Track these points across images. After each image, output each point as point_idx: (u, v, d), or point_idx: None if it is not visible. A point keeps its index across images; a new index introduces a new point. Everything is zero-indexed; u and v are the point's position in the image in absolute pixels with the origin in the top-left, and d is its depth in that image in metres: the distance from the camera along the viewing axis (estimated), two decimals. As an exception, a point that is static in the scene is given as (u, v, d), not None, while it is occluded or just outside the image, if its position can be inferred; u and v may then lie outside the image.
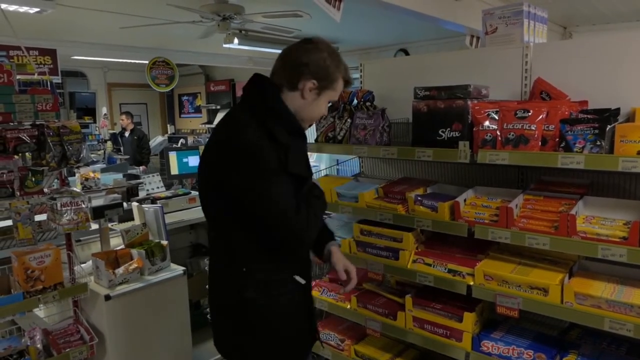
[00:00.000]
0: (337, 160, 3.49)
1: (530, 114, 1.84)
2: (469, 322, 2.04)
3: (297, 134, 1.58)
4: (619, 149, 1.65)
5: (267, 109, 1.54)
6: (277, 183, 1.49)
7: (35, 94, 2.19)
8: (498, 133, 1.90)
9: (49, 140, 2.19)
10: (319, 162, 5.42)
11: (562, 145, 1.75)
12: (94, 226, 2.65)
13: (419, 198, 2.14)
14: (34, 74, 2.40)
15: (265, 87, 1.60)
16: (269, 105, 1.55)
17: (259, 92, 1.59)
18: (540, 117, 1.82)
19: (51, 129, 2.22)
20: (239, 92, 9.19)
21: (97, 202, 2.81)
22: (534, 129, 1.82)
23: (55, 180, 2.45)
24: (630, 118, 1.90)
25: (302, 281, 1.66)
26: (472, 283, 1.98)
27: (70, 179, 3.08)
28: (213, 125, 9.38)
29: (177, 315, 2.72)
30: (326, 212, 2.77)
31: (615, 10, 5.03)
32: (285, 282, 1.62)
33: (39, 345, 2.22)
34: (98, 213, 2.54)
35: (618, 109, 1.85)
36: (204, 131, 9.89)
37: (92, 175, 3.65)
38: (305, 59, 1.54)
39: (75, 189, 2.47)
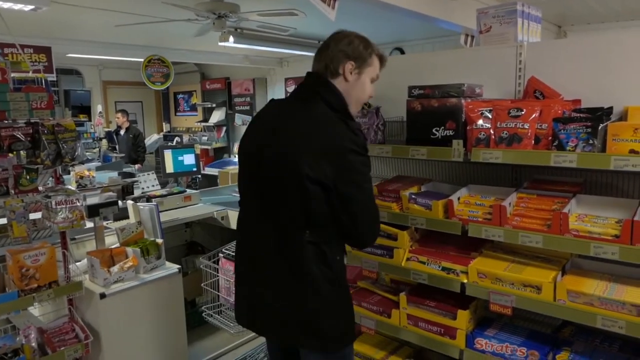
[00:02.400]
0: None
1: (523, 112, 1.85)
2: (462, 319, 2.06)
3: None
4: (611, 147, 1.66)
5: (340, 103, 1.70)
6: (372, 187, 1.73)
7: (30, 92, 2.19)
8: (492, 132, 1.91)
9: (43, 139, 2.19)
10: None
11: (555, 144, 1.77)
12: (89, 224, 2.64)
13: (413, 196, 2.15)
14: (28, 72, 2.39)
15: (320, 79, 1.73)
16: (339, 98, 1.70)
17: (334, 93, 1.71)
18: (534, 115, 1.84)
19: (46, 127, 2.21)
20: (235, 90, 9.22)
21: (92, 200, 2.80)
22: (527, 127, 1.83)
23: (50, 179, 2.44)
24: (622, 117, 1.91)
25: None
26: (465, 281, 2.00)
27: (65, 177, 3.08)
28: (209, 124, 9.38)
29: (172, 313, 2.72)
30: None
31: (610, 9, 5.06)
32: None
33: (33, 344, 2.22)
34: (93, 211, 2.54)
35: (611, 108, 1.87)
36: (200, 129, 9.87)
37: (87, 173, 3.65)
38: (338, 47, 1.72)
39: (70, 187, 2.46)
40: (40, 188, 2.27)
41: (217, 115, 9.53)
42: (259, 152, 1.72)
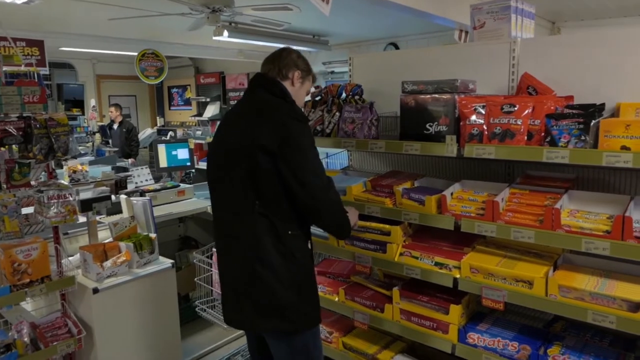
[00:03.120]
0: (327, 153, 3.49)
1: (516, 108, 1.86)
2: (455, 314, 2.07)
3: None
4: (603, 143, 1.67)
5: (281, 89, 1.92)
6: (317, 152, 1.84)
7: (22, 86, 2.17)
8: (485, 127, 1.91)
9: (35, 133, 2.17)
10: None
11: (547, 139, 1.78)
12: (82, 219, 2.63)
13: (406, 191, 2.16)
14: (21, 66, 2.37)
15: (275, 79, 1.95)
16: (284, 92, 1.92)
17: (271, 81, 1.94)
18: (526, 111, 1.84)
19: (38, 121, 2.20)
20: (229, 85, 9.18)
21: (85, 194, 2.79)
22: (520, 123, 1.83)
23: (43, 173, 2.43)
24: (615, 113, 1.92)
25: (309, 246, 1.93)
26: (458, 276, 2.01)
27: (58, 171, 3.06)
28: (203, 118, 9.35)
29: (166, 308, 2.72)
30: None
31: (603, 5, 5.07)
32: (309, 245, 1.92)
33: (26, 339, 2.21)
34: (86, 206, 2.53)
35: (603, 104, 1.88)
36: (194, 124, 9.84)
37: (80, 167, 3.64)
38: (289, 57, 1.98)
39: (62, 181, 2.45)
40: (32, 182, 2.26)
41: (212, 110, 9.50)
42: (219, 141, 1.96)
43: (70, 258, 2.51)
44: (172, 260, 2.74)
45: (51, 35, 5.89)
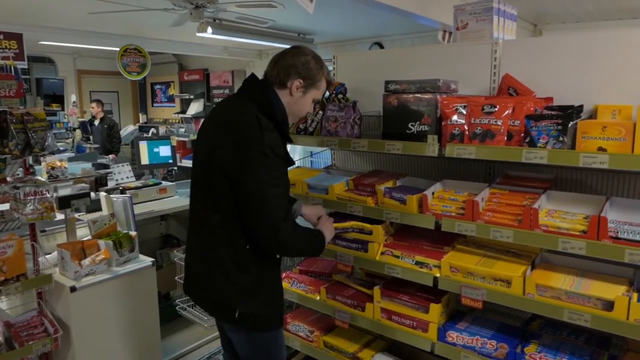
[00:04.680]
0: (312, 152, 3.49)
1: (497, 109, 1.87)
2: (434, 313, 2.09)
3: (285, 125, 1.82)
4: (580, 145, 1.69)
5: (266, 100, 1.77)
6: (280, 192, 1.71)
7: (-2, 80, 2.13)
8: (466, 127, 1.93)
9: (12, 128, 2.13)
10: (293, 154, 5.40)
11: (526, 140, 1.79)
12: (60, 216, 2.59)
13: (388, 190, 2.16)
14: (-3, 59, 2.32)
15: (262, 83, 1.84)
16: (265, 97, 1.78)
17: (258, 86, 1.83)
18: (507, 112, 1.86)
19: (15, 116, 2.15)
20: (214, 82, 9.11)
21: (65, 191, 2.74)
22: (500, 124, 1.85)
23: (20, 169, 2.38)
24: (592, 115, 1.95)
25: (278, 255, 1.88)
26: (438, 275, 2.02)
27: (36, 167, 3.00)
28: (187, 115, 9.26)
29: (146, 307, 2.69)
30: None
31: (584, 9, 5.15)
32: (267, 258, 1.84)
33: (0, 338, 2.16)
34: (64, 203, 2.49)
35: (581, 106, 1.91)
36: (177, 121, 9.74)
37: (58, 164, 3.57)
38: (293, 62, 1.80)
39: (40, 178, 2.40)
40: (8, 179, 2.21)
41: (195, 107, 9.41)
42: (197, 144, 1.90)
43: (47, 256, 2.46)
44: (152, 259, 2.71)
45: (30, 29, 5.75)
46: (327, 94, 2.52)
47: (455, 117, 1.96)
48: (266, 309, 1.84)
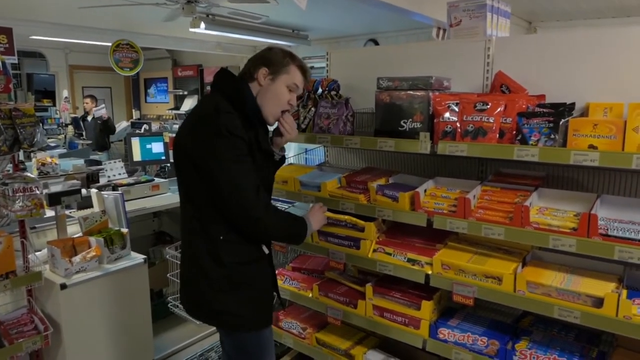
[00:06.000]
0: (306, 149, 3.48)
1: (489, 106, 1.87)
2: (426, 310, 2.09)
3: (256, 112, 1.82)
4: (571, 142, 1.70)
5: (233, 90, 1.79)
6: (245, 168, 1.70)
7: (-14, 75, 2.10)
8: (458, 125, 1.92)
9: (0, 123, 2.10)
10: (287, 150, 5.37)
11: (518, 138, 1.79)
12: (50, 213, 2.57)
13: (380, 188, 2.16)
14: (-15, 54, 2.29)
15: (230, 75, 1.86)
16: (233, 87, 1.81)
17: (226, 78, 1.85)
18: (499, 110, 1.86)
19: (3, 112, 2.13)
20: (207, 78, 9.06)
21: (55, 188, 2.72)
22: (492, 121, 1.85)
23: (10, 165, 2.36)
24: (584, 113, 1.95)
25: (266, 251, 1.87)
26: (430, 272, 2.02)
27: (27, 164, 2.97)
28: (180, 112, 9.23)
29: (138, 304, 2.68)
30: (289, 200, 2.78)
31: (577, 7, 5.15)
32: (253, 250, 1.83)
33: (-11, 336, 2.15)
34: (54, 199, 2.47)
35: (573, 104, 1.91)
36: (171, 117, 9.69)
37: (49, 160, 3.55)
38: (260, 55, 1.87)
39: (29, 174, 2.38)
40: (-3, 175, 2.19)
41: (189, 103, 9.37)
42: (175, 140, 1.90)
43: (37, 253, 2.44)
44: (144, 256, 2.70)
45: (21, 23, 5.68)
46: (320, 90, 2.51)
47: (447, 115, 1.95)
48: (240, 308, 1.79)
